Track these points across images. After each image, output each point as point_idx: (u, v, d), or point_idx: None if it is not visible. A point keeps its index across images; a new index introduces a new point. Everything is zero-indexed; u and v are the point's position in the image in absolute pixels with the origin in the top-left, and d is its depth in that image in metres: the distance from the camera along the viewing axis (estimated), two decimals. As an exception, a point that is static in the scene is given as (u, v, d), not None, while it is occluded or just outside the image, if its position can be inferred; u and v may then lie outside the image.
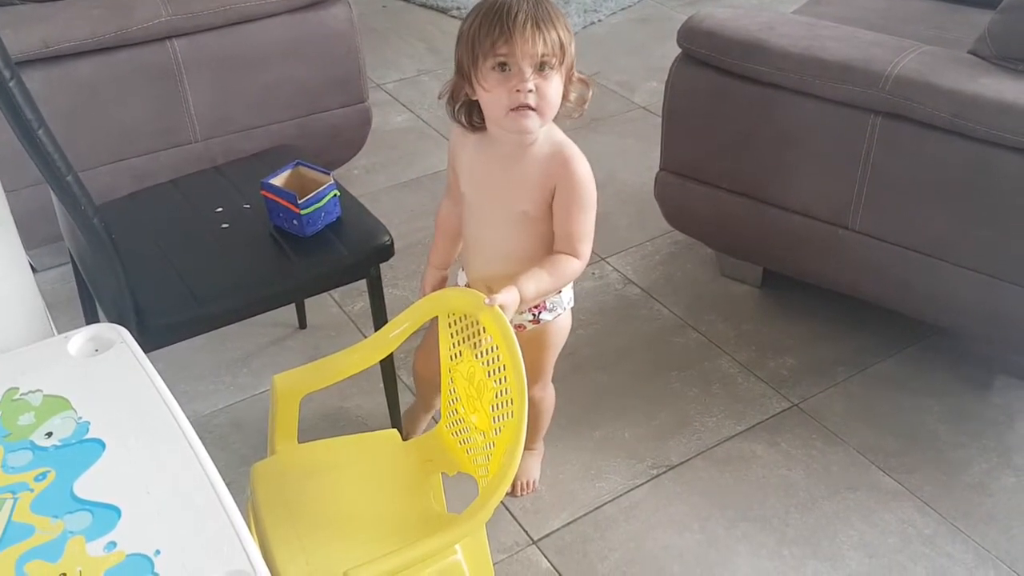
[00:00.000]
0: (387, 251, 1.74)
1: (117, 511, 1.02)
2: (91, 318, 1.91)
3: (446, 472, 1.47)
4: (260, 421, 1.97)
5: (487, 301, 1.33)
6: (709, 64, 2.06)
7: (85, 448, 1.10)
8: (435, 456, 1.47)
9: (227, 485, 1.05)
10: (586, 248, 1.49)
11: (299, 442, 1.52)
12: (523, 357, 1.27)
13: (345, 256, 1.71)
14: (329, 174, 1.76)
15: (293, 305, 2.23)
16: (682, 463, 1.90)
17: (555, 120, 1.46)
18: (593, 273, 2.42)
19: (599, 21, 3.82)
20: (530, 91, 1.36)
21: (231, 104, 2.43)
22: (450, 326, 1.44)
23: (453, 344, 1.43)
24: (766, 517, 1.79)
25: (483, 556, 1.39)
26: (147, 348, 1.46)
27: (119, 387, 1.20)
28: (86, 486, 1.05)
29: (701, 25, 2.06)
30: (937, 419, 1.98)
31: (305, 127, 2.54)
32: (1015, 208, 1.76)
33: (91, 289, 1.74)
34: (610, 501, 1.82)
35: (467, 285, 1.63)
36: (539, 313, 1.59)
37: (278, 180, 1.73)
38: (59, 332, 1.29)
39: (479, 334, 1.36)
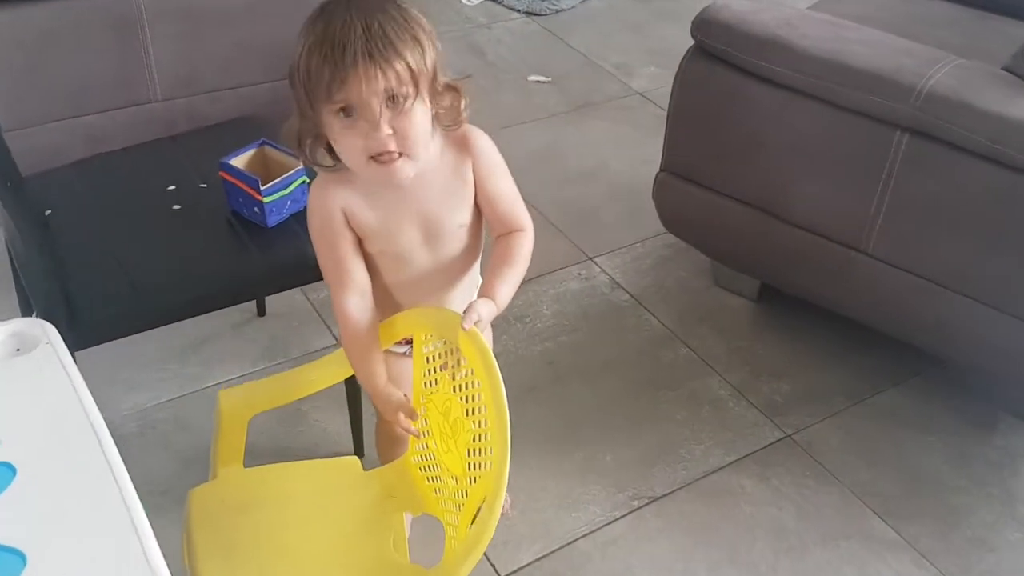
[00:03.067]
0: (358, 248, 1.56)
1: (22, 557, 0.86)
2: (28, 311, 1.71)
3: (411, 512, 1.30)
4: (207, 419, 1.76)
5: (465, 325, 1.15)
6: (723, 60, 1.89)
7: (-9, 476, 0.93)
8: (399, 492, 1.30)
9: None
10: (526, 211, 1.31)
11: (246, 455, 1.35)
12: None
13: (311, 252, 1.51)
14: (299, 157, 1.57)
15: (252, 290, 2.05)
16: (666, 495, 1.75)
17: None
18: (580, 274, 2.26)
19: (598, -5, 3.62)
20: (389, 134, 1.12)
21: (197, 61, 2.22)
22: (425, 349, 1.27)
23: (428, 371, 1.26)
24: (754, 563, 1.65)
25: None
26: (78, 346, 1.28)
27: (39, 398, 1.03)
28: (-9, 524, 0.88)
29: (718, 16, 1.89)
30: (939, 459, 1.85)
31: (278, 92, 2.29)
32: (1048, 246, 1.62)
33: (21, 276, 1.55)
34: (586, 535, 1.67)
35: None
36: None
37: (239, 161, 1.54)
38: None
39: (459, 363, 1.19)
